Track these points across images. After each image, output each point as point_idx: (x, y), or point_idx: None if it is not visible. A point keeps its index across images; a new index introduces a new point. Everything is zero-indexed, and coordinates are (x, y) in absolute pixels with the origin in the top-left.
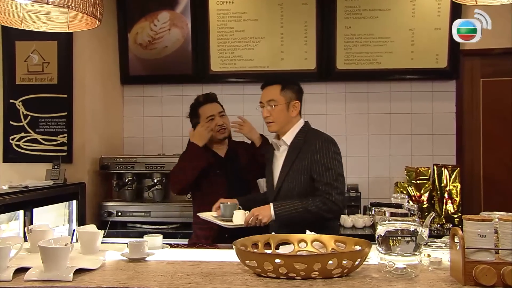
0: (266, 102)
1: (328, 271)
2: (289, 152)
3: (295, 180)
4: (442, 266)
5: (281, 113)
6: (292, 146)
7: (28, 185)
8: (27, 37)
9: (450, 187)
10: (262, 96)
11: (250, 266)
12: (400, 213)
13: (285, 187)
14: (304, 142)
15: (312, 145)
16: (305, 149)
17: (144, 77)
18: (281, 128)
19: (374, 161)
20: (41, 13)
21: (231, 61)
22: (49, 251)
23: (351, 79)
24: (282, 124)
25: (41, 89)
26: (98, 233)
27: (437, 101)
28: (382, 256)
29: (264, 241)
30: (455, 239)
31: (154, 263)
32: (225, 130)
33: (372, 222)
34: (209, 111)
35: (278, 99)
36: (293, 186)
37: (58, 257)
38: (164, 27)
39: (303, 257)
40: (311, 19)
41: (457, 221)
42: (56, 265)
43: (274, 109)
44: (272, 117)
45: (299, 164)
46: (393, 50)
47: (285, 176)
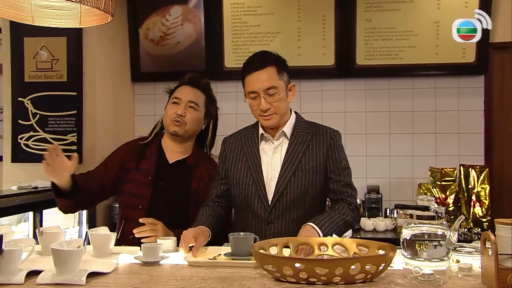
0: (264, 90)
1: (350, 276)
2: (292, 146)
3: (307, 182)
4: (473, 272)
5: (282, 102)
6: (296, 139)
7: (37, 185)
8: (35, 33)
9: (478, 189)
10: (254, 83)
11: (269, 270)
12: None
13: (290, 191)
14: (312, 136)
15: (327, 140)
16: (316, 144)
17: (155, 74)
18: (281, 120)
19: (395, 161)
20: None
21: (246, 57)
22: (61, 254)
23: (372, 76)
24: (283, 115)
25: (50, 87)
26: (111, 236)
27: (464, 98)
28: (407, 261)
29: (283, 245)
30: (487, 244)
31: (169, 266)
32: (179, 124)
33: (394, 225)
34: (178, 94)
35: (278, 85)
36: (304, 189)
37: (71, 260)
38: (176, 22)
39: (325, 262)
40: (329, 13)
41: (486, 225)
42: (68, 269)
43: (275, 98)
44: (274, 109)
45: (311, 161)
46: (416, 44)
47: (291, 176)
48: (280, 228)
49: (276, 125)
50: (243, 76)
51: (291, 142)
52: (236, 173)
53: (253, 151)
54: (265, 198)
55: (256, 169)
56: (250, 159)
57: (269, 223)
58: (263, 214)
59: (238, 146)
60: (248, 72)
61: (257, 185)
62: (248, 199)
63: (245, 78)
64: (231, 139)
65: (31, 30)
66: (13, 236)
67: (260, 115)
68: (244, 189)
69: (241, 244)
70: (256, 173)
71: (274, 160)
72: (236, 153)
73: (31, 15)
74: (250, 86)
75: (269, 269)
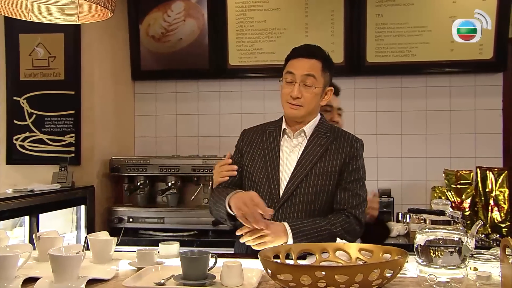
0: (302, 76)
1: (368, 282)
2: (309, 147)
3: (319, 186)
4: (492, 281)
5: (315, 98)
6: (315, 141)
7: (33, 189)
8: (31, 29)
9: (496, 193)
10: (296, 66)
11: (283, 280)
12: (442, 220)
13: (300, 193)
14: (333, 140)
15: (347, 147)
16: (336, 149)
17: (157, 72)
18: (306, 116)
19: (408, 163)
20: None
21: (251, 55)
22: (60, 260)
23: (383, 73)
24: (310, 112)
25: (47, 86)
26: (112, 241)
27: (481, 96)
28: (421, 269)
29: (285, 252)
30: (507, 251)
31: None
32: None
33: (406, 230)
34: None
35: (318, 78)
36: (315, 193)
37: (70, 266)
38: (179, 18)
39: (346, 268)
40: (338, 8)
41: (505, 231)
42: (67, 275)
43: (310, 90)
44: (304, 100)
45: (326, 166)
46: (430, 40)
47: (303, 178)
48: None
49: (300, 118)
50: (287, 59)
51: (309, 143)
52: (251, 167)
53: (273, 147)
54: (276, 197)
55: (273, 165)
56: (268, 154)
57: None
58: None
59: (257, 140)
60: (294, 56)
61: (270, 182)
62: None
63: (289, 61)
64: (251, 131)
65: (26, 26)
66: (8, 241)
67: (288, 102)
68: (257, 185)
69: (192, 266)
70: (272, 170)
71: (290, 159)
72: (254, 146)
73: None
74: (291, 67)
75: (283, 279)
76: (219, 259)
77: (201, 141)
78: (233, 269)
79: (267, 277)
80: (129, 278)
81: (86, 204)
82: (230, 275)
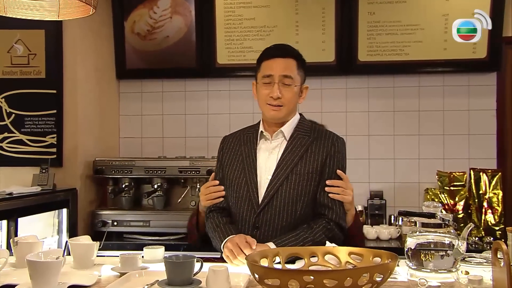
0: (280, 76)
1: (358, 287)
2: (289, 148)
3: (301, 188)
4: (483, 285)
5: (294, 97)
6: (295, 142)
7: (12, 191)
8: (9, 25)
9: (490, 195)
10: (272, 67)
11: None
12: (433, 223)
13: (281, 196)
14: (313, 140)
15: (327, 146)
16: (316, 148)
17: (142, 70)
18: (287, 116)
19: (400, 164)
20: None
21: (240, 53)
22: (38, 266)
23: (375, 73)
24: (290, 111)
25: (27, 84)
26: (94, 245)
27: (475, 96)
28: (412, 273)
29: (273, 256)
30: (499, 255)
31: None
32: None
33: (399, 234)
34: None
35: (295, 77)
36: (296, 195)
37: (49, 272)
38: (165, 15)
39: (335, 273)
40: (329, 5)
41: (498, 234)
42: (46, 282)
43: (289, 89)
44: (284, 100)
45: (307, 166)
46: (423, 39)
47: (283, 180)
48: (267, 234)
49: (281, 119)
50: (260, 60)
51: (289, 144)
52: (230, 173)
53: (250, 151)
54: (255, 201)
55: (250, 169)
56: (246, 159)
57: (256, 228)
58: (250, 218)
59: (236, 146)
60: (267, 56)
61: (249, 186)
62: (238, 201)
63: (262, 62)
64: (230, 138)
65: (4, 21)
66: None
67: (268, 104)
68: (236, 190)
69: (177, 271)
70: (250, 174)
71: (269, 162)
72: (234, 152)
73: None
74: (267, 69)
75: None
76: (205, 263)
77: (188, 142)
78: (219, 274)
79: (254, 282)
80: (111, 284)
81: (68, 208)
82: (216, 280)
